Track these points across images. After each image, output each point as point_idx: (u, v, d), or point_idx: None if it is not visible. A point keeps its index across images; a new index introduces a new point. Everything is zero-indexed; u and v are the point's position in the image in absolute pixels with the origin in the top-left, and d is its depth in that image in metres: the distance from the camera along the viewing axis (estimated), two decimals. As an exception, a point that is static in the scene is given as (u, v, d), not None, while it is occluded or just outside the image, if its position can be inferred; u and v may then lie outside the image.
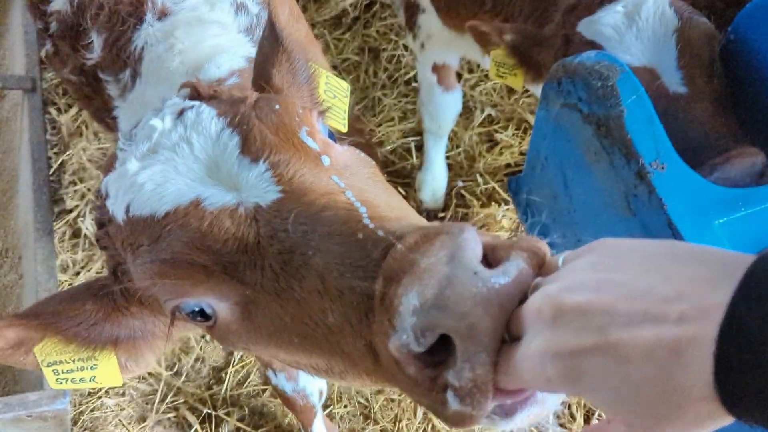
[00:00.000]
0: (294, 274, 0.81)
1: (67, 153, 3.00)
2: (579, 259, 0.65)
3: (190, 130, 0.95)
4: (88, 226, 2.80)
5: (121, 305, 1.06)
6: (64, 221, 2.81)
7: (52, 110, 3.10)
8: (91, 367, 1.09)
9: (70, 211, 2.85)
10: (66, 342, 1.06)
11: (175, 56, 1.52)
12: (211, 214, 0.87)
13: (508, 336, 0.64)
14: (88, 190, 2.91)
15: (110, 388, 2.49)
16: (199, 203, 0.89)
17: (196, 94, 1.06)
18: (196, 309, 0.92)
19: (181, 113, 0.98)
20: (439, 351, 0.64)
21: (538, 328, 0.61)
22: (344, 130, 1.22)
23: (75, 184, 2.93)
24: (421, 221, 0.83)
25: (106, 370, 1.10)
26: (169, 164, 0.93)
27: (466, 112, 3.08)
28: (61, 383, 1.09)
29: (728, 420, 0.55)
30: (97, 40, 1.65)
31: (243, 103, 0.98)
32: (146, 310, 1.06)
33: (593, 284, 0.60)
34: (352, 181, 0.89)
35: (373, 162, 1.01)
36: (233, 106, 0.98)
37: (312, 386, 2.02)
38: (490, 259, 0.67)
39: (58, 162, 2.96)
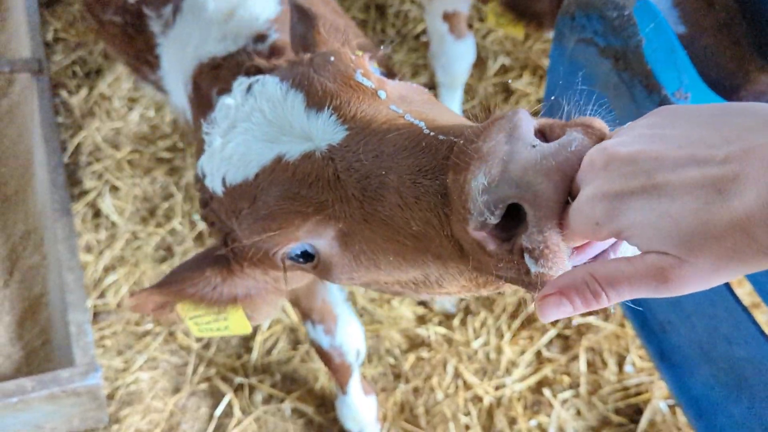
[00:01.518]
0: (374, 196, 0.90)
1: (82, 134, 2.99)
2: (638, 121, 0.69)
3: (259, 99, 1.06)
4: (108, 205, 2.82)
5: (235, 268, 1.20)
6: (84, 202, 2.83)
7: (63, 92, 3.09)
8: (224, 319, 1.26)
9: (89, 191, 2.86)
10: (194, 304, 1.22)
11: None
12: (293, 165, 0.98)
13: (571, 199, 0.69)
14: (106, 169, 2.91)
15: (144, 363, 2.53)
16: (281, 159, 0.99)
17: (258, 71, 1.18)
18: (300, 252, 1.02)
19: (249, 88, 1.10)
20: (511, 228, 0.72)
21: (590, 178, 0.65)
22: None
23: (92, 164, 2.94)
24: None
25: (236, 320, 1.26)
26: (248, 134, 1.04)
27: (479, 63, 3.00)
28: (203, 332, 1.27)
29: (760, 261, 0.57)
30: None
31: (301, 64, 1.09)
32: (257, 269, 1.19)
33: (646, 138, 0.64)
34: (409, 107, 0.98)
35: (427, 90, 1.10)
36: (292, 69, 1.09)
37: (349, 345, 2.02)
38: (548, 136, 0.73)
39: (74, 144, 2.96)
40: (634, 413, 2.32)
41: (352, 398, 2.19)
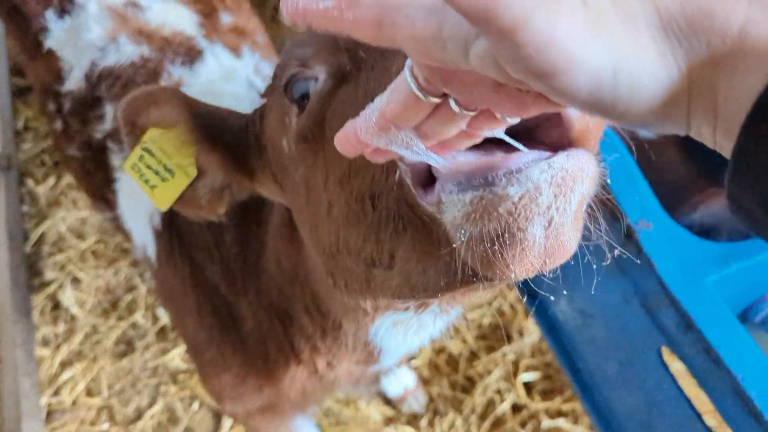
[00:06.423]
0: None
1: (47, 224, 2.94)
2: None
3: None
4: (68, 297, 2.74)
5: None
6: (44, 295, 2.74)
7: (30, 182, 3.06)
8: (162, 180, 1.12)
9: (50, 283, 2.78)
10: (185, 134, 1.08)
11: None
12: None
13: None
14: (69, 260, 2.85)
15: None
16: None
17: None
18: (303, 90, 0.87)
19: None
20: None
21: None
22: None
23: (54, 254, 2.87)
24: None
25: (168, 190, 1.11)
26: None
27: None
28: (135, 170, 1.12)
29: None
30: (110, 112, 1.67)
31: None
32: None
33: None
34: None
35: None
36: None
37: None
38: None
39: (38, 234, 2.90)
40: None
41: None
